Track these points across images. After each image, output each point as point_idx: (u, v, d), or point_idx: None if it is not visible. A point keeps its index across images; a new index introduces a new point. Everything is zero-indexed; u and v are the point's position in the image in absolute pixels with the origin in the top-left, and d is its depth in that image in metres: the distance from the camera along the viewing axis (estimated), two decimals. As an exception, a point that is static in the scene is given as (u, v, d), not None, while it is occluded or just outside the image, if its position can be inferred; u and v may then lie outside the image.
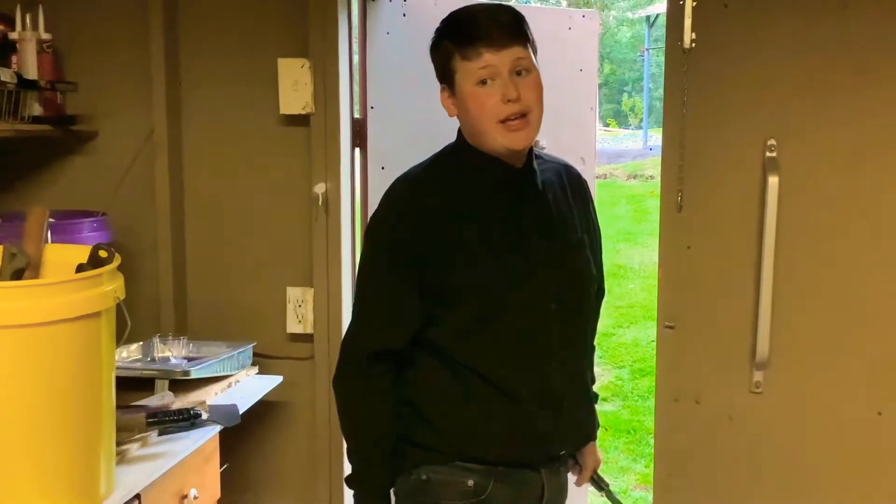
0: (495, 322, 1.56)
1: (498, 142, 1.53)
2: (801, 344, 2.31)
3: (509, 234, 1.58)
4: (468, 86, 1.51)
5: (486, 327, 1.55)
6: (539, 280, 1.59)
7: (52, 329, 1.46)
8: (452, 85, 1.55)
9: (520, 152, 1.57)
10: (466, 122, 1.57)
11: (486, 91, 1.50)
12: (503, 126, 1.51)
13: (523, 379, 1.58)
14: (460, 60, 1.51)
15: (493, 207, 1.58)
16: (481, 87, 1.50)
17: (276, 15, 2.63)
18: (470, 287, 1.54)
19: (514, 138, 1.52)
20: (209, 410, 2.10)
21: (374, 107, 2.79)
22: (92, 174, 2.74)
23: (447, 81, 1.56)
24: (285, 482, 2.80)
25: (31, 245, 1.66)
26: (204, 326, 2.74)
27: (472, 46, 1.49)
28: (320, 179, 2.64)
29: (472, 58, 1.50)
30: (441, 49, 1.56)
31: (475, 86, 1.51)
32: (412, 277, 1.54)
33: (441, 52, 1.56)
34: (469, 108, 1.53)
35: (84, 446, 1.57)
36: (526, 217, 1.60)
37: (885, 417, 2.28)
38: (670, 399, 2.41)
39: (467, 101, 1.52)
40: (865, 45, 2.21)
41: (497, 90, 1.50)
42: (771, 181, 2.22)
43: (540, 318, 1.59)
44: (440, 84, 1.59)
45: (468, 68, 1.50)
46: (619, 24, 19.63)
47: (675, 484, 2.43)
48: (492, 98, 1.50)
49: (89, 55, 2.70)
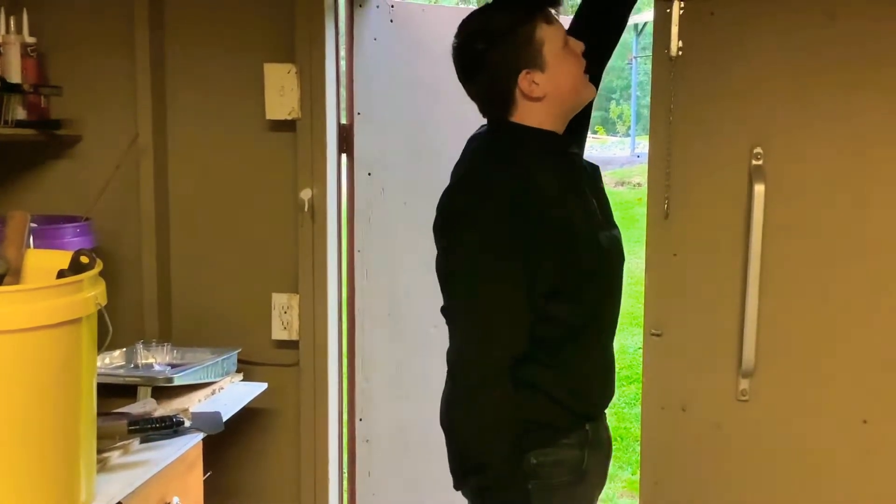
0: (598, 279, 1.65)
1: (588, 94, 1.66)
2: (788, 352, 2.31)
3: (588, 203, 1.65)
4: (558, 49, 1.59)
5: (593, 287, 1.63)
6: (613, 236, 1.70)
7: (32, 335, 1.44)
8: (539, 59, 1.58)
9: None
10: (561, 87, 1.61)
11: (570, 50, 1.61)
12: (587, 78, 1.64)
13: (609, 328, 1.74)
14: (546, 27, 1.58)
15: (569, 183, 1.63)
16: (566, 48, 1.60)
17: (263, 20, 2.62)
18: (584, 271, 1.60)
19: (593, 88, 1.68)
20: (192, 418, 2.08)
21: (360, 113, 2.78)
22: (76, 179, 2.72)
23: (531, 62, 1.58)
24: (270, 490, 2.78)
25: (11, 250, 1.65)
26: (188, 332, 2.72)
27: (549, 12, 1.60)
28: (306, 185, 2.62)
29: (553, 21, 1.60)
30: (521, 29, 1.57)
31: (564, 45, 1.60)
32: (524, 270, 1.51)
33: (522, 33, 1.57)
34: (567, 70, 1.61)
35: (64, 454, 1.55)
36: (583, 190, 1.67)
37: (871, 425, 2.28)
38: (657, 406, 2.41)
39: (563, 62, 1.60)
40: (852, 53, 2.21)
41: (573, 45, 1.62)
42: (757, 189, 2.23)
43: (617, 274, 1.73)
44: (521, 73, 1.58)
45: (554, 32, 1.59)
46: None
47: (662, 491, 2.42)
48: (576, 50, 1.61)
49: (74, 59, 2.69)
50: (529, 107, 1.62)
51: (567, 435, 1.66)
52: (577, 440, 1.67)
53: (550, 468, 1.63)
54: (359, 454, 2.90)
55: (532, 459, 1.62)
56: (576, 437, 1.67)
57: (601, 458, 1.76)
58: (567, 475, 1.65)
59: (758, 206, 2.23)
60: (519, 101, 1.61)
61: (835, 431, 2.30)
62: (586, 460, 1.68)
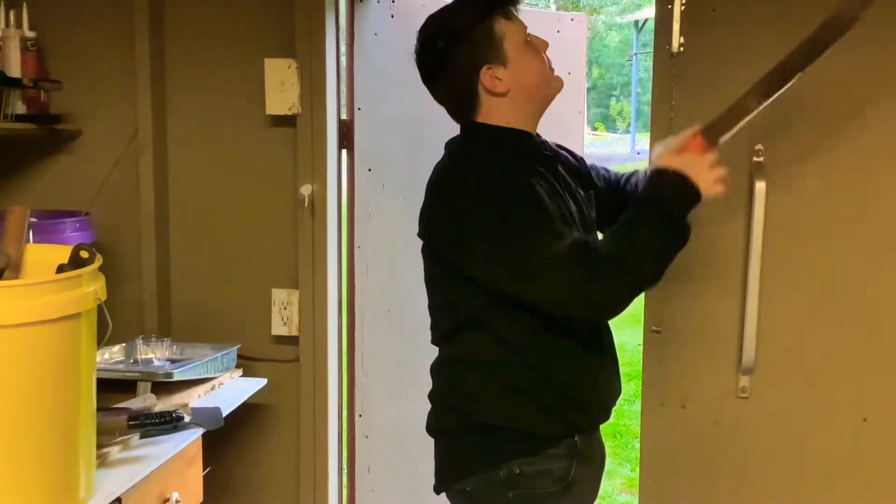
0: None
1: (556, 85, 1.67)
2: (788, 349, 2.31)
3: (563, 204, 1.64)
4: (519, 43, 1.60)
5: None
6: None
7: (32, 330, 1.44)
8: (500, 54, 1.59)
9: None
10: (525, 82, 1.62)
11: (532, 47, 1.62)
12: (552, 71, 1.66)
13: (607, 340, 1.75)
14: (505, 22, 1.60)
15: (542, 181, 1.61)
16: (528, 44, 1.62)
17: (263, 15, 2.61)
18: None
19: (561, 80, 1.68)
20: (192, 413, 2.08)
21: (361, 108, 2.78)
22: (75, 173, 2.72)
23: (491, 57, 1.59)
24: (269, 485, 2.78)
25: (11, 245, 1.64)
26: (188, 328, 2.72)
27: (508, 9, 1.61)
28: (306, 180, 2.62)
29: (512, 17, 1.61)
30: (477, 29, 1.59)
31: (525, 44, 1.61)
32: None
33: (477, 33, 1.59)
34: (529, 63, 1.62)
35: (63, 449, 1.55)
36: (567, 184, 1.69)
37: (871, 423, 2.28)
38: (656, 403, 2.41)
39: (525, 56, 1.61)
40: (853, 50, 2.21)
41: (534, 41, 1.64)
42: (758, 186, 2.22)
43: None
44: (481, 70, 1.60)
45: (514, 27, 1.60)
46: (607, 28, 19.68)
47: (661, 488, 2.42)
48: (539, 46, 1.63)
49: (74, 53, 2.68)
50: (495, 103, 1.62)
51: (554, 445, 1.63)
52: (565, 450, 1.64)
53: (534, 478, 1.61)
54: (358, 450, 2.90)
55: (515, 469, 1.60)
56: (564, 447, 1.64)
57: (592, 472, 1.73)
58: (552, 486, 1.63)
59: (759, 203, 2.22)
60: (483, 98, 1.62)
61: (835, 429, 2.30)
62: (573, 472, 1.64)
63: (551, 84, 1.67)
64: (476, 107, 1.63)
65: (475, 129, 1.65)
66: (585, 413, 1.68)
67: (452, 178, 1.61)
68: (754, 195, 2.23)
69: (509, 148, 1.62)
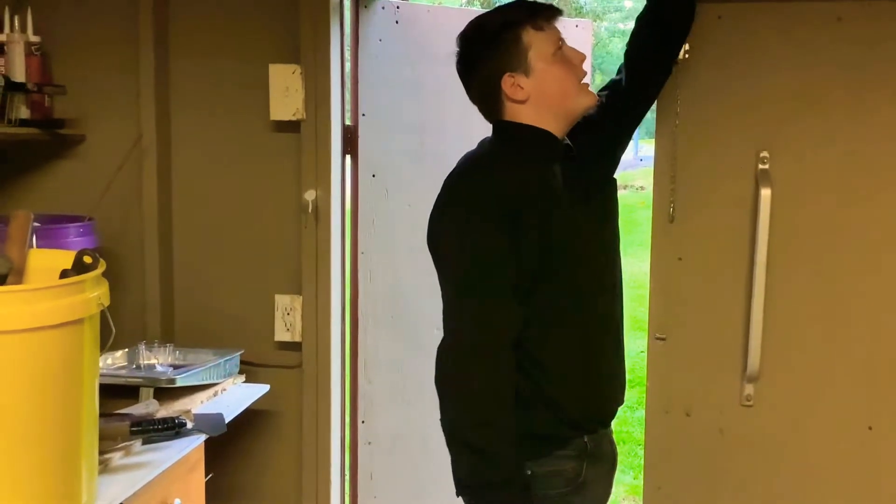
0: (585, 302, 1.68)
1: (583, 101, 1.67)
2: (793, 357, 2.30)
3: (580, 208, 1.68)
4: (548, 54, 1.63)
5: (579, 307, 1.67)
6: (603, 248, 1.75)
7: (35, 335, 1.43)
8: (524, 64, 1.63)
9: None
10: (547, 92, 1.65)
11: (564, 56, 1.64)
12: (584, 86, 1.66)
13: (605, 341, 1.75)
14: (534, 32, 1.62)
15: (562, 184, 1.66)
16: (559, 53, 1.63)
17: (268, 20, 2.61)
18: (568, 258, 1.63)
19: (593, 96, 1.68)
20: (194, 419, 2.07)
21: (365, 114, 2.77)
22: (79, 178, 2.71)
23: (514, 65, 1.63)
24: (272, 492, 2.77)
25: (14, 250, 1.64)
26: (190, 334, 2.71)
27: (542, 17, 1.63)
28: (310, 186, 2.62)
29: (545, 27, 1.63)
30: (505, 37, 1.63)
31: (553, 55, 1.63)
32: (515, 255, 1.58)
33: (505, 40, 1.63)
34: (555, 75, 1.63)
35: (65, 455, 1.54)
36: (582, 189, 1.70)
37: (876, 432, 2.27)
38: (660, 411, 2.40)
39: (552, 67, 1.63)
40: (860, 57, 2.20)
41: (571, 54, 1.65)
42: (763, 193, 2.22)
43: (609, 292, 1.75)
44: (504, 76, 1.64)
45: (543, 37, 1.62)
46: (610, 35, 19.67)
47: (665, 496, 2.41)
48: (572, 61, 1.64)
49: (78, 58, 2.68)
50: (517, 108, 1.67)
51: (564, 446, 1.66)
52: (574, 451, 1.67)
53: (545, 479, 1.63)
54: (361, 456, 2.89)
55: (527, 470, 1.62)
56: (573, 448, 1.67)
57: (603, 471, 1.75)
58: (563, 486, 1.65)
59: (764, 210, 2.21)
60: (505, 102, 1.67)
61: (840, 437, 2.29)
62: (584, 472, 1.67)
63: (577, 99, 1.67)
64: (501, 109, 1.69)
65: (501, 127, 1.71)
66: (591, 414, 1.72)
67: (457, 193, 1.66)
68: (759, 202, 2.22)
69: (529, 146, 1.68)
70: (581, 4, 16.23)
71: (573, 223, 1.66)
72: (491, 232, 1.56)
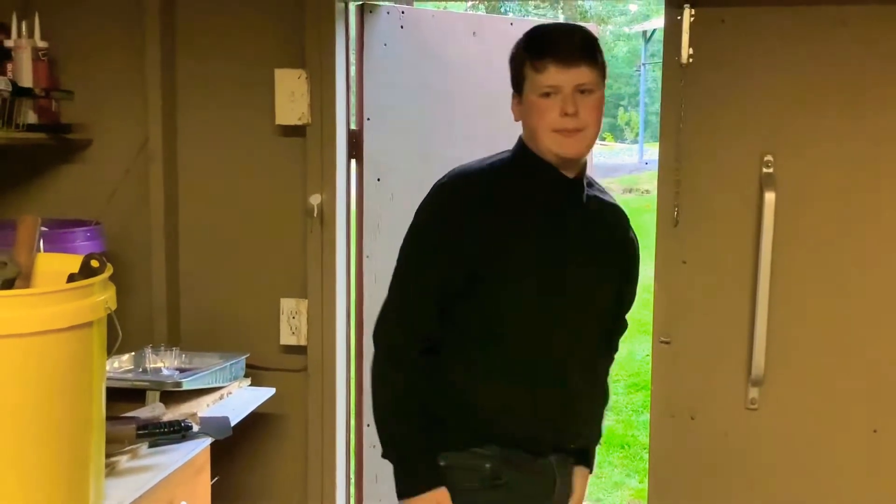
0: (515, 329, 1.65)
1: (550, 148, 1.62)
2: (797, 361, 2.30)
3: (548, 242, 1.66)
4: (533, 95, 1.62)
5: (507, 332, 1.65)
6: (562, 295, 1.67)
7: (42, 339, 1.44)
8: (521, 92, 1.65)
9: (571, 161, 1.65)
10: (526, 128, 1.67)
11: (548, 104, 1.60)
12: (557, 134, 1.61)
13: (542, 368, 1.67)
14: (531, 71, 1.62)
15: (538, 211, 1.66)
16: (544, 99, 1.61)
17: (274, 25, 2.63)
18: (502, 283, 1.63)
19: (565, 144, 1.62)
20: (200, 422, 2.08)
21: (370, 118, 2.78)
22: (86, 183, 2.73)
23: (517, 89, 1.67)
24: (277, 494, 2.78)
25: (22, 254, 1.65)
26: (197, 337, 2.72)
27: (542, 60, 1.60)
28: (315, 190, 2.63)
29: (541, 70, 1.60)
30: (517, 58, 1.66)
31: (539, 97, 1.61)
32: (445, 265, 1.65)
33: (517, 62, 1.66)
34: (531, 115, 1.63)
35: (73, 458, 1.55)
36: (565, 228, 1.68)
37: (881, 435, 2.27)
38: (665, 414, 2.40)
39: (531, 108, 1.63)
40: (863, 61, 2.21)
41: (557, 104, 1.60)
42: (767, 197, 2.22)
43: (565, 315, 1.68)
44: (513, 91, 1.68)
45: (536, 79, 1.61)
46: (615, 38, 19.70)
47: (669, 499, 2.41)
48: (552, 110, 1.60)
49: (85, 63, 2.70)
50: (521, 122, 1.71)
51: (481, 445, 1.66)
52: (491, 452, 1.66)
53: (458, 473, 1.65)
54: (366, 459, 2.90)
55: (440, 462, 1.65)
56: (490, 449, 1.66)
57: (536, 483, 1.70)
58: (477, 482, 1.66)
59: (768, 213, 2.22)
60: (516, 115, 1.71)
61: (844, 441, 2.29)
62: (505, 476, 1.66)
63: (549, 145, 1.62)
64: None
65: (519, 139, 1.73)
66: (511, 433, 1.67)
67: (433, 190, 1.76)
68: (763, 206, 2.22)
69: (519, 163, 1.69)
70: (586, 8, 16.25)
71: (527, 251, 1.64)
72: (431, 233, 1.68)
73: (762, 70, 2.26)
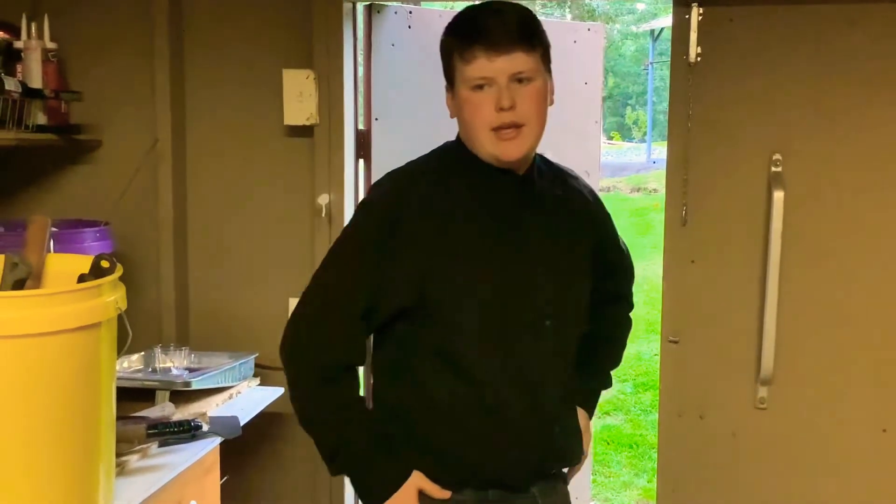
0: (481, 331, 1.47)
1: (487, 150, 1.45)
2: (806, 360, 2.29)
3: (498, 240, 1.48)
4: (464, 90, 1.43)
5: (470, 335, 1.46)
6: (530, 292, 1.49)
7: (53, 339, 1.45)
8: (453, 83, 1.47)
9: (512, 162, 1.47)
10: (461, 125, 1.50)
11: (480, 97, 1.41)
12: (495, 134, 1.43)
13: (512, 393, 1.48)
14: (459, 62, 1.43)
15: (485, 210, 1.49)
16: (475, 93, 1.42)
17: (281, 26, 2.63)
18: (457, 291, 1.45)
19: (505, 148, 1.43)
20: (210, 422, 2.08)
21: (378, 118, 2.78)
22: (95, 183, 2.74)
23: (450, 82, 1.48)
24: (286, 494, 2.79)
25: (32, 254, 1.65)
26: (206, 337, 2.73)
27: (469, 49, 1.40)
28: (324, 190, 2.63)
29: (469, 60, 1.41)
30: (445, 48, 1.47)
31: (470, 90, 1.42)
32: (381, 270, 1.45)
33: (445, 52, 1.47)
34: (464, 112, 1.45)
35: (83, 457, 1.55)
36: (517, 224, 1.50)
37: (890, 434, 2.27)
38: (674, 414, 2.40)
39: (463, 104, 1.44)
40: (872, 60, 2.20)
41: (491, 97, 1.40)
42: (776, 196, 2.22)
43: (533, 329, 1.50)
44: (446, 84, 1.50)
45: (464, 71, 1.42)
46: (623, 37, 19.66)
47: (679, 499, 2.41)
48: (485, 105, 1.41)
49: (94, 64, 2.71)
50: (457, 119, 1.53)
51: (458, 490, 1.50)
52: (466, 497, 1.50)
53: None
54: (375, 459, 2.89)
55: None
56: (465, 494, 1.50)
57: None
58: None
59: (777, 212, 2.22)
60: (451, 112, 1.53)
61: (854, 440, 2.28)
62: None
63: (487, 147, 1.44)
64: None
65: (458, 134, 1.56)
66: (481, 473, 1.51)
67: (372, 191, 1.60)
68: (772, 205, 2.22)
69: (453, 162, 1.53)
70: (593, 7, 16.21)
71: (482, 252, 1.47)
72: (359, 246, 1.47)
73: (770, 69, 2.26)
